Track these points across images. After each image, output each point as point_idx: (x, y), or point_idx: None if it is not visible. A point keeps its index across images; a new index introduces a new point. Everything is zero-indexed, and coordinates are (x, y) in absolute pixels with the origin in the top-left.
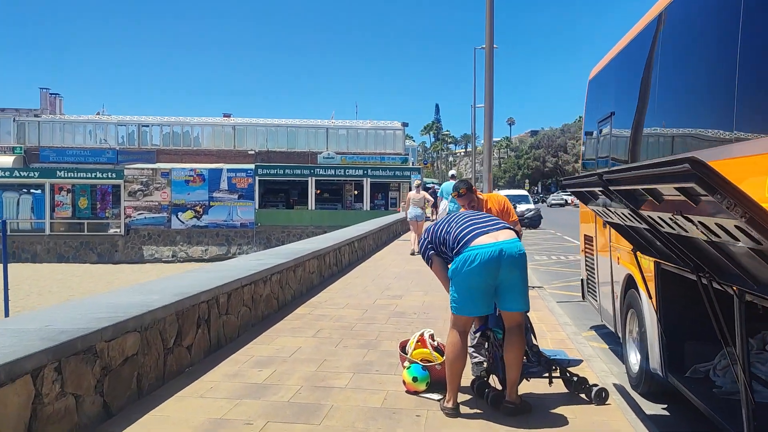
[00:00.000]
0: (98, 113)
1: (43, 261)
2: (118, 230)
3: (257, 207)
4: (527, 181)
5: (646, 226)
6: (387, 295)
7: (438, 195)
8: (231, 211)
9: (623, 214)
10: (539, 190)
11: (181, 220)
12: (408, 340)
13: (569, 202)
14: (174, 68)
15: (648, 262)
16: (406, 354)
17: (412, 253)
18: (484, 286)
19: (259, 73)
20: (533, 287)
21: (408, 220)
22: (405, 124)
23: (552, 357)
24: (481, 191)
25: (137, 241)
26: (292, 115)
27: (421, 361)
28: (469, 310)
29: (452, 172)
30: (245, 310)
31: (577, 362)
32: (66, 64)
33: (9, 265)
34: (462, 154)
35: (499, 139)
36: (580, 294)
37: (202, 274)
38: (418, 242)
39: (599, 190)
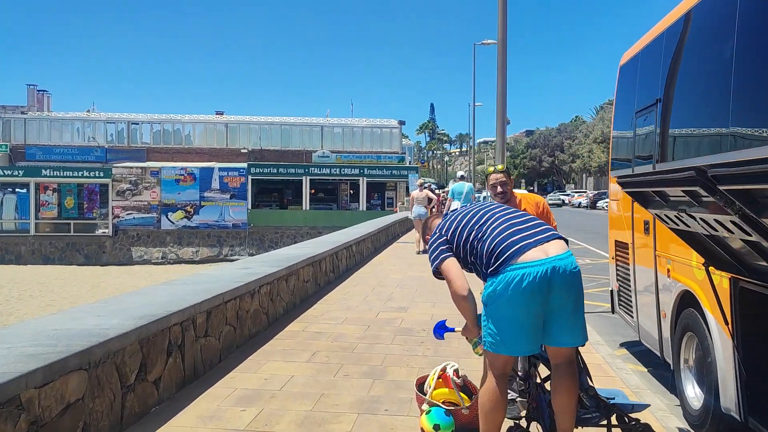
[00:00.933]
0: (88, 111)
1: (28, 263)
2: (105, 231)
3: (250, 207)
4: (523, 180)
5: (750, 237)
6: (390, 307)
7: (448, 196)
8: (223, 211)
9: (707, 220)
10: (535, 190)
11: (171, 221)
12: (426, 377)
13: (566, 202)
14: (166, 65)
15: (721, 279)
16: (425, 394)
17: (419, 253)
18: (533, 317)
19: (252, 70)
20: None
21: (411, 218)
22: (402, 123)
23: (611, 401)
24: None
25: (126, 242)
26: (286, 113)
27: (443, 403)
28: (511, 347)
29: (461, 173)
30: (228, 330)
31: (642, 407)
32: (55, 62)
33: None
34: (457, 153)
35: (494, 138)
36: (607, 306)
37: (179, 287)
38: (417, 240)
39: (685, 191)
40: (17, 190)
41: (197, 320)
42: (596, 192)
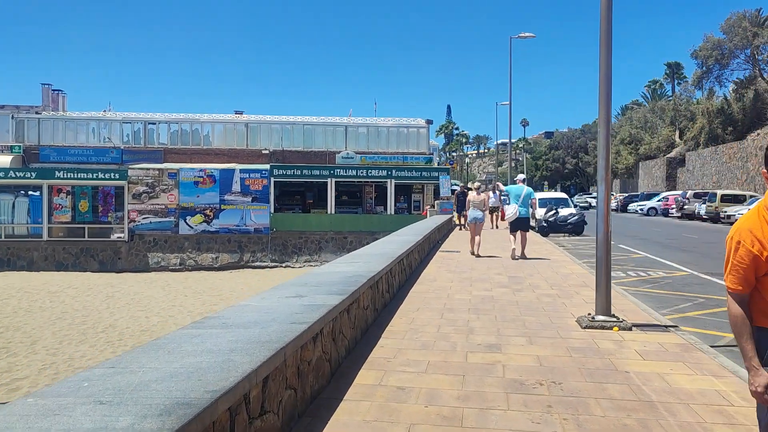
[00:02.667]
0: (104, 111)
1: (40, 269)
2: (121, 236)
3: (272, 211)
4: (546, 182)
5: None
6: (477, 345)
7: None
8: (244, 215)
9: None
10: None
11: (189, 225)
12: None
13: (593, 204)
14: (184, 65)
15: None
16: None
17: (476, 255)
18: None
19: (272, 70)
20: (665, 327)
21: (467, 222)
22: (429, 122)
23: None
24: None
25: (142, 247)
26: (308, 113)
27: None
28: None
29: (521, 176)
30: (289, 396)
31: None
32: (71, 61)
33: (1, 273)
34: (474, 155)
35: (515, 140)
36: (716, 331)
37: (214, 337)
38: (477, 243)
39: None
40: (30, 192)
41: (251, 395)
42: (626, 195)
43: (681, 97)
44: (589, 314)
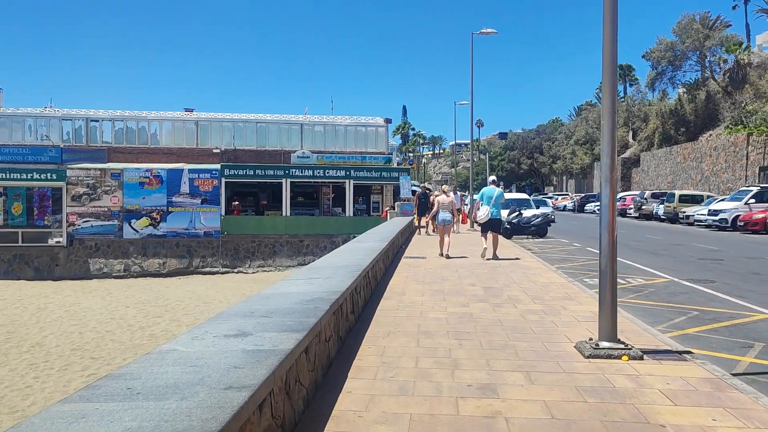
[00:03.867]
0: (45, 108)
1: None
2: (59, 241)
3: (223, 213)
4: (502, 184)
5: None
6: (465, 386)
7: (477, 199)
8: (193, 217)
9: None
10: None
11: (134, 229)
12: None
13: (550, 205)
14: (130, 59)
15: None
16: None
17: (442, 255)
18: None
19: (224, 66)
20: (678, 353)
21: (437, 224)
22: (388, 121)
23: None
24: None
25: (82, 253)
26: (262, 111)
27: None
28: None
29: (492, 177)
30: None
31: None
32: (9, 58)
33: None
34: (430, 156)
35: (468, 141)
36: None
37: (97, 428)
38: (447, 244)
39: None
40: None
41: None
42: (583, 195)
43: (633, 98)
44: (591, 339)
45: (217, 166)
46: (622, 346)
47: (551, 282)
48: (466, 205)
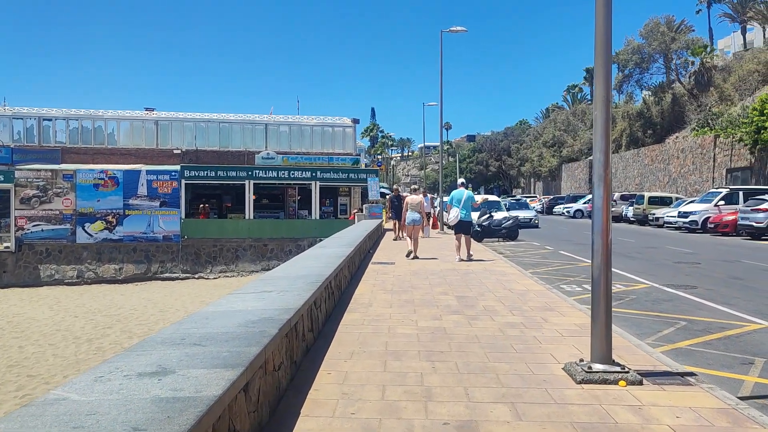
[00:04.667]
0: None
1: None
2: (7, 246)
3: (183, 216)
4: (469, 185)
5: None
6: (441, 424)
7: (448, 202)
8: (151, 221)
9: None
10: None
11: (88, 233)
12: None
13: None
14: (88, 57)
15: None
16: None
17: (409, 254)
18: None
19: (186, 64)
20: (680, 376)
21: (405, 224)
22: (356, 121)
23: None
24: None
25: (32, 258)
26: (225, 111)
27: None
28: None
29: (461, 180)
30: None
31: None
32: None
33: None
34: (399, 158)
35: (437, 143)
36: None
37: None
38: (415, 241)
39: None
40: None
41: None
42: (551, 197)
43: None
44: (582, 361)
45: (177, 167)
46: (618, 368)
47: (528, 290)
48: (436, 207)
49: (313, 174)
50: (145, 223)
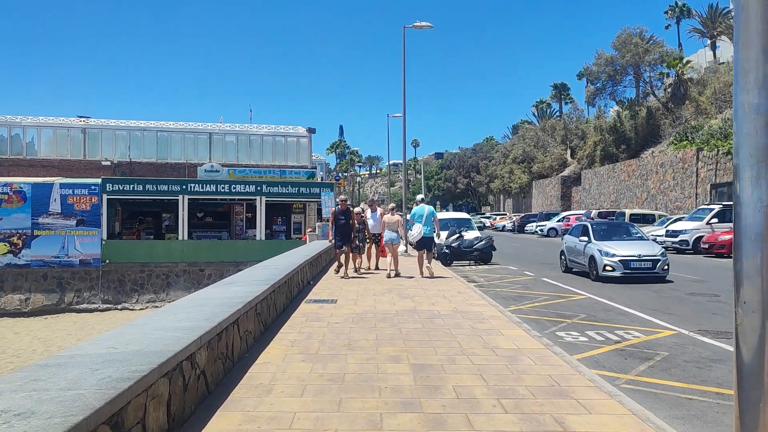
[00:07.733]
0: None
1: None
2: None
3: (105, 237)
4: (438, 203)
5: None
6: None
7: (410, 218)
8: (66, 242)
9: None
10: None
11: None
12: None
13: (488, 225)
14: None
15: None
16: None
17: (389, 276)
18: None
19: (124, 70)
20: None
21: (384, 243)
22: (311, 130)
23: None
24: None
25: None
26: (166, 119)
27: None
28: None
29: (420, 196)
30: None
31: None
32: None
33: None
34: (367, 176)
35: (406, 160)
36: None
37: None
38: (395, 261)
39: None
40: None
41: None
42: (523, 214)
43: (571, 116)
44: None
45: (98, 181)
46: None
47: (519, 348)
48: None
49: (258, 188)
50: (59, 246)
